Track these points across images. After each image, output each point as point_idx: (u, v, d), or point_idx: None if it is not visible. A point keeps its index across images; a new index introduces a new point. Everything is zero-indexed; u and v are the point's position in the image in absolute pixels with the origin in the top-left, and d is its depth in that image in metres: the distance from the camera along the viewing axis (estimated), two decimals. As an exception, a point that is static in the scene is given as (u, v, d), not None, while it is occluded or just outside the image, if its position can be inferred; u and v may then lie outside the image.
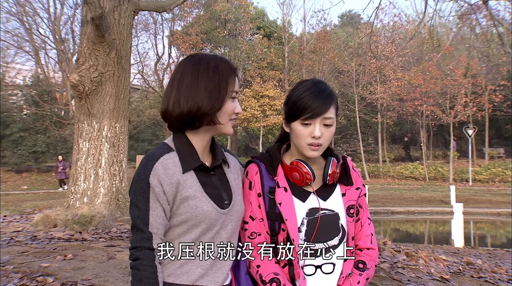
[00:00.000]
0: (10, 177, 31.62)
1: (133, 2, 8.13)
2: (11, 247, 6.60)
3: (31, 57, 37.25)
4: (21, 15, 33.40)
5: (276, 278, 2.05)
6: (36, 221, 8.00)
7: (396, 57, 36.75)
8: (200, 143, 2.05)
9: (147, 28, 38.14)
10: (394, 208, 23.65)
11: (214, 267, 2.01)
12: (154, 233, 1.90)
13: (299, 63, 38.15)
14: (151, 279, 1.86)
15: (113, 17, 7.88)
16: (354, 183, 2.20)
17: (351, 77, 37.28)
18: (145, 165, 1.93)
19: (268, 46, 38.19)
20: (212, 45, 40.19)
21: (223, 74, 1.98)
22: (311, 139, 2.07)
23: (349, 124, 41.40)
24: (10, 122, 31.90)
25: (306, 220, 2.09)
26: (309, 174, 2.09)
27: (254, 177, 2.17)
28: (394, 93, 36.25)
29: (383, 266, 6.50)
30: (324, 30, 39.21)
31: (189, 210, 1.93)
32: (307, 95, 2.08)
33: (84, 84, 7.75)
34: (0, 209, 13.33)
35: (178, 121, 1.99)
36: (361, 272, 2.15)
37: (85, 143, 7.91)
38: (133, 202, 1.93)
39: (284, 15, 40.95)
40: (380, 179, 35.20)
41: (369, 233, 2.23)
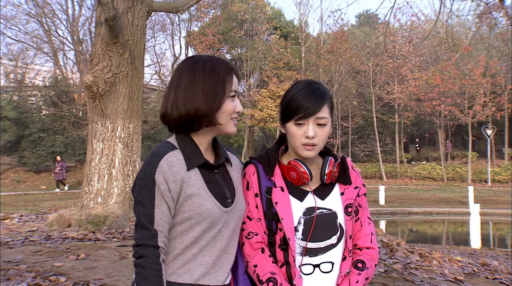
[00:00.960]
0: (29, 177, 31.97)
1: (147, 3, 8.15)
2: (25, 247, 6.66)
3: (50, 58, 37.62)
4: (40, 17, 33.76)
5: (273, 278, 2.05)
6: (50, 221, 8.06)
7: (413, 56, 36.51)
8: (202, 143, 2.05)
9: (164, 29, 38.34)
10: (411, 209, 23.49)
11: (216, 266, 2.00)
12: (159, 230, 1.89)
13: (316, 63, 38.03)
14: (156, 277, 1.86)
15: (127, 18, 7.91)
16: (352, 182, 2.19)
17: (368, 77, 37.08)
18: (150, 163, 1.93)
19: (285, 46, 38.13)
20: (229, 46, 40.25)
21: (219, 74, 1.98)
22: (305, 139, 2.07)
23: (366, 124, 41.22)
24: (29, 122, 32.24)
25: (303, 219, 2.08)
26: (306, 173, 2.09)
27: (251, 177, 2.17)
28: (411, 93, 36.00)
29: (396, 266, 6.46)
30: (341, 30, 39.06)
31: (193, 208, 1.93)
32: (300, 95, 2.09)
33: (98, 85, 7.79)
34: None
35: (176, 124, 2.00)
36: (360, 271, 2.14)
37: (99, 143, 7.96)
38: (138, 200, 1.92)
39: (301, 15, 40.90)
40: (397, 179, 34.99)
41: (369, 232, 2.22)
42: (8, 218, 10.13)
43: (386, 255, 7.12)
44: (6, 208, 18.27)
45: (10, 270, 5.40)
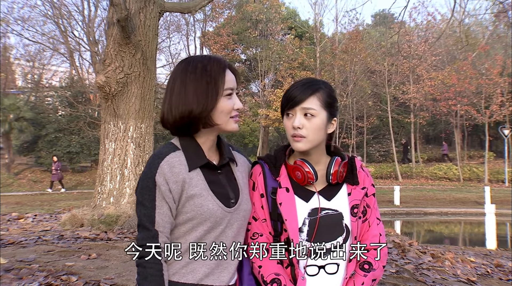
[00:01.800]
0: (46, 177, 32.22)
1: (159, 4, 8.18)
2: (38, 246, 6.72)
3: (66, 59, 37.91)
4: (57, 18, 34.02)
5: (277, 279, 2.05)
6: (63, 221, 8.13)
7: (429, 56, 36.25)
8: (206, 142, 2.06)
9: (179, 29, 38.46)
10: (426, 209, 23.27)
11: (220, 266, 2.01)
12: (160, 231, 1.91)
13: (330, 63, 37.90)
14: (157, 276, 1.88)
15: (139, 18, 7.94)
16: (360, 183, 2.17)
17: (384, 77, 36.88)
18: (151, 164, 1.95)
19: (300, 46, 38.03)
20: (244, 46, 40.26)
21: (211, 74, 1.97)
22: (293, 130, 2.08)
23: (382, 124, 41.00)
24: (46, 123, 32.52)
25: (308, 220, 2.08)
26: (311, 173, 2.08)
27: (257, 178, 2.17)
28: (427, 93, 35.72)
29: (408, 267, 6.42)
30: (356, 29, 38.89)
31: (195, 208, 1.94)
32: (291, 87, 2.12)
33: (110, 85, 7.83)
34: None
35: (174, 127, 2.02)
36: (366, 273, 2.12)
37: (111, 143, 8.01)
38: (139, 201, 1.95)
39: (316, 15, 40.73)
40: (413, 179, 34.73)
41: (377, 233, 2.20)
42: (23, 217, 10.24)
43: (398, 256, 7.08)
44: (23, 208, 18.44)
45: (23, 269, 5.45)
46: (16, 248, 6.63)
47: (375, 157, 40.71)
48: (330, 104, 2.13)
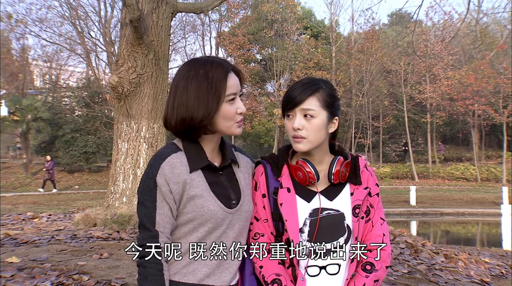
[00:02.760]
0: (63, 177, 32.52)
1: (171, 4, 8.20)
2: (51, 245, 6.76)
3: (83, 60, 38.20)
4: (74, 19, 34.30)
5: (278, 279, 2.05)
6: (77, 220, 8.18)
7: (446, 55, 35.97)
8: (208, 144, 2.07)
9: (195, 30, 38.57)
10: (443, 210, 23.13)
11: (221, 267, 2.02)
12: (160, 231, 1.92)
13: (346, 63, 37.79)
14: (157, 276, 1.89)
15: (151, 19, 7.97)
16: (363, 183, 2.15)
17: (400, 77, 36.66)
18: (153, 165, 1.97)
19: (315, 46, 37.97)
20: (259, 46, 40.28)
21: (212, 81, 1.97)
22: (293, 131, 2.08)
23: (398, 124, 40.77)
24: (63, 123, 32.79)
25: (309, 220, 2.08)
26: (312, 173, 2.08)
27: (259, 178, 2.17)
28: (444, 93, 35.47)
29: (420, 268, 6.37)
30: (372, 29, 38.73)
31: (195, 209, 1.95)
32: (291, 88, 2.11)
33: (123, 86, 7.87)
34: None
35: (175, 131, 2.02)
36: (368, 274, 2.11)
37: (124, 143, 8.04)
38: (140, 201, 1.96)
39: (332, 15, 40.69)
40: (429, 180, 34.55)
41: (381, 234, 2.18)
42: (37, 217, 10.31)
43: (410, 256, 7.03)
44: (39, 207, 18.63)
45: (35, 268, 5.49)
46: (29, 247, 6.69)
47: (391, 157, 40.52)
48: (330, 104, 2.11)
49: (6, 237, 7.67)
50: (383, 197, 9.04)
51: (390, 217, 21.75)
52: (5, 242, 7.28)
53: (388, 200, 25.06)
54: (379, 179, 34.42)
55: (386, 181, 34.44)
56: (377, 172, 35.42)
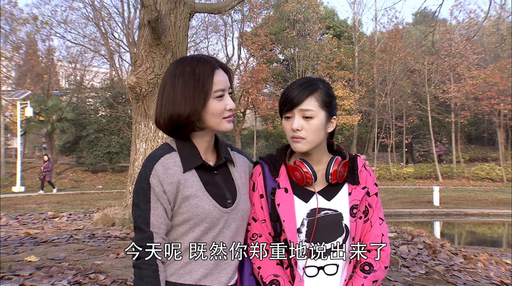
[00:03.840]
0: (87, 176, 32.85)
1: (189, 5, 8.22)
2: (69, 245, 6.84)
3: (106, 61, 38.53)
4: (98, 20, 34.63)
5: (276, 280, 2.05)
6: (96, 220, 8.25)
7: (471, 54, 35.51)
8: (202, 143, 2.06)
9: (217, 30, 38.63)
10: (467, 210, 22.78)
11: (218, 267, 2.01)
12: (155, 232, 1.92)
13: (369, 62, 37.57)
14: (152, 277, 1.89)
15: (169, 19, 8.00)
16: (361, 183, 2.14)
17: (423, 76, 36.29)
18: (146, 166, 1.97)
19: (338, 46, 37.83)
20: (282, 46, 40.25)
21: (199, 77, 1.97)
22: (292, 132, 2.07)
23: (422, 124, 40.38)
24: (87, 123, 33.12)
25: (307, 220, 2.07)
26: (309, 173, 2.07)
27: (257, 178, 2.17)
28: (468, 92, 35.02)
29: (438, 268, 6.30)
30: (395, 28, 38.44)
31: (190, 209, 1.95)
32: (288, 88, 2.10)
33: (141, 86, 7.91)
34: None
35: (166, 130, 2.04)
36: (367, 274, 2.09)
37: (142, 143, 8.09)
38: (135, 202, 1.97)
39: (355, 14, 40.51)
40: (454, 180, 34.12)
41: (379, 234, 2.16)
42: (58, 216, 10.44)
43: (428, 257, 6.96)
44: (63, 207, 18.85)
45: (53, 267, 5.55)
46: (48, 246, 6.77)
47: (415, 157, 40.15)
48: (328, 103, 2.11)
49: (27, 236, 7.79)
50: (406, 197, 9.04)
51: (413, 217, 21.56)
52: (25, 241, 7.39)
53: (411, 201, 24.84)
54: (402, 180, 34.17)
55: (410, 181, 34.12)
56: (401, 172, 35.16)
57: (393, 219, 20.46)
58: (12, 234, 7.92)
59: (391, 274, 5.92)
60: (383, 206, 2.26)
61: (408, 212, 22.08)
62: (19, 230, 8.43)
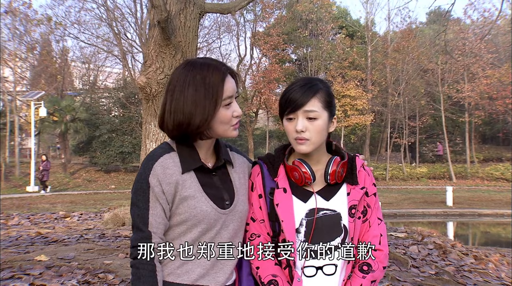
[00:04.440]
0: (100, 176, 33.01)
1: (199, 5, 8.21)
2: (79, 244, 6.89)
3: (119, 61, 38.68)
4: (111, 21, 34.76)
5: (274, 280, 2.05)
6: (106, 220, 8.28)
7: (485, 54, 35.22)
8: (203, 146, 2.07)
9: (230, 30, 38.65)
10: (481, 211, 22.58)
11: (215, 267, 2.01)
12: (153, 232, 1.92)
13: (382, 62, 37.40)
14: (150, 277, 1.89)
15: (179, 20, 7.99)
16: (359, 183, 2.14)
17: (437, 76, 36.05)
18: (145, 165, 1.98)
19: (351, 46, 37.71)
20: (294, 46, 40.20)
21: (210, 86, 1.95)
22: (296, 133, 2.06)
23: (435, 124, 40.11)
24: (100, 123, 33.26)
25: (305, 220, 2.07)
26: (308, 174, 2.07)
27: (255, 178, 2.17)
28: (482, 92, 34.72)
29: (448, 269, 6.27)
30: (408, 28, 38.24)
31: (188, 210, 1.95)
32: (290, 90, 2.08)
33: (151, 86, 7.91)
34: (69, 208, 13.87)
35: (172, 136, 2.03)
36: (365, 274, 2.09)
37: (152, 143, 8.08)
38: (133, 202, 1.97)
39: (367, 14, 40.37)
40: (467, 180, 33.83)
41: (378, 234, 2.17)
42: (69, 216, 10.49)
43: (439, 257, 6.92)
44: (77, 206, 18.97)
45: (62, 267, 5.59)
46: (58, 246, 6.82)
47: (428, 157, 39.90)
48: (329, 103, 2.11)
49: (38, 235, 7.85)
50: (419, 197, 9.00)
51: (426, 218, 21.42)
52: (36, 240, 7.45)
53: (424, 201, 24.68)
54: (416, 180, 33.96)
55: (423, 181, 33.90)
56: (414, 172, 34.96)
57: (406, 219, 20.38)
58: (24, 234, 7.99)
59: (400, 274, 5.89)
60: (396, 206, 2.27)
61: (421, 212, 21.96)
62: (31, 230, 8.50)
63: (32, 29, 34.60)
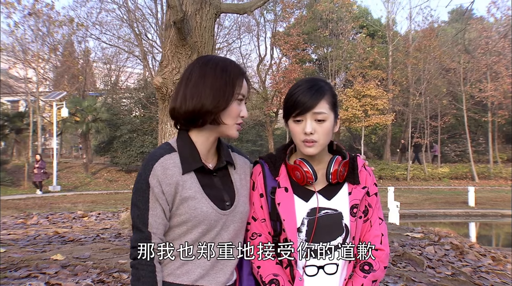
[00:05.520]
0: (121, 176, 33.24)
1: (215, 5, 8.23)
2: (95, 244, 6.94)
3: (140, 61, 38.93)
4: (131, 21, 34.99)
5: (275, 279, 2.05)
6: (122, 219, 8.32)
7: (509, 52, 34.72)
8: (205, 144, 2.06)
9: (250, 30, 38.67)
10: (504, 211, 22.24)
11: (215, 268, 2.02)
12: (153, 233, 1.93)
13: (403, 61, 37.11)
14: (149, 278, 1.90)
15: (195, 20, 8.01)
16: (361, 182, 2.14)
17: (459, 75, 35.65)
18: (145, 166, 1.98)
19: (371, 45, 37.49)
20: (314, 46, 40.08)
21: (230, 75, 1.99)
22: (304, 135, 2.06)
23: (458, 123, 39.67)
24: (121, 123, 33.47)
25: (307, 220, 2.08)
26: (309, 173, 2.07)
27: (257, 178, 2.18)
28: (506, 91, 34.24)
29: (465, 270, 6.19)
30: (430, 27, 37.88)
31: (188, 211, 1.95)
32: (297, 91, 2.07)
33: (167, 86, 7.95)
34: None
35: (184, 118, 2.02)
36: (366, 274, 2.10)
37: (168, 143, 8.13)
38: (133, 202, 1.98)
39: (389, 13, 40.10)
40: (490, 180, 33.41)
41: (379, 234, 2.17)
42: (87, 216, 10.57)
43: (455, 258, 6.84)
44: (97, 206, 19.16)
45: (78, 266, 5.64)
46: (74, 245, 6.88)
47: (450, 157, 39.51)
48: (335, 104, 2.13)
49: (55, 234, 7.92)
50: (440, 198, 8.91)
51: (447, 218, 21.22)
52: (53, 239, 7.53)
53: (445, 201, 24.47)
54: (437, 180, 33.62)
55: (445, 181, 33.56)
56: (435, 172, 34.64)
57: (427, 219, 20.20)
58: (42, 233, 8.08)
59: (416, 275, 5.84)
60: (416, 207, 2.27)
61: (442, 212, 21.76)
62: (49, 229, 8.59)
63: (55, 31, 34.95)
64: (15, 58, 34.74)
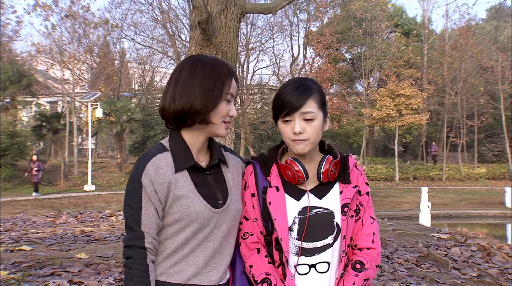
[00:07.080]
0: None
1: (240, 5, 8.22)
2: (119, 243, 7.00)
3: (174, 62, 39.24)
4: (165, 22, 35.33)
5: (267, 278, 2.07)
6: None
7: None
8: (195, 143, 2.07)
9: (283, 30, 38.66)
10: (539, 212, 21.73)
11: (208, 266, 2.02)
12: (146, 232, 1.93)
13: (438, 60, 36.57)
14: (142, 277, 1.90)
15: (220, 20, 8.02)
16: (352, 182, 2.15)
17: (497, 74, 34.93)
18: (138, 166, 1.99)
19: (406, 44, 37.06)
20: (348, 45, 39.85)
21: (219, 74, 2.00)
22: (293, 135, 2.06)
23: (496, 123, 38.90)
24: (154, 123, 33.88)
25: (298, 219, 2.09)
26: (300, 172, 2.08)
27: (248, 177, 2.19)
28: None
29: (491, 271, 6.05)
30: (467, 25, 37.25)
31: (181, 210, 1.96)
32: (284, 92, 2.08)
33: (193, 87, 8.00)
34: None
35: (173, 118, 2.03)
36: (358, 272, 2.10)
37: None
38: (126, 202, 1.99)
39: (424, 12, 39.60)
40: (531, 181, 32.64)
41: (371, 232, 2.18)
42: (114, 215, 10.69)
43: (482, 259, 6.70)
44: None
45: (100, 265, 5.69)
46: (99, 244, 6.97)
47: (487, 157, 38.79)
48: (323, 103, 2.13)
49: (82, 233, 8.04)
50: (476, 198, 8.73)
51: (483, 219, 20.84)
52: (79, 238, 7.64)
53: (481, 202, 24.05)
54: (473, 181, 33.02)
55: (481, 182, 32.96)
56: (472, 173, 34.06)
57: (463, 220, 19.89)
58: (69, 232, 8.20)
59: (440, 276, 5.75)
60: (451, 208, 2.23)
61: (478, 213, 21.38)
62: (76, 228, 8.72)
63: (90, 32, 35.54)
64: (52, 60, 35.45)
